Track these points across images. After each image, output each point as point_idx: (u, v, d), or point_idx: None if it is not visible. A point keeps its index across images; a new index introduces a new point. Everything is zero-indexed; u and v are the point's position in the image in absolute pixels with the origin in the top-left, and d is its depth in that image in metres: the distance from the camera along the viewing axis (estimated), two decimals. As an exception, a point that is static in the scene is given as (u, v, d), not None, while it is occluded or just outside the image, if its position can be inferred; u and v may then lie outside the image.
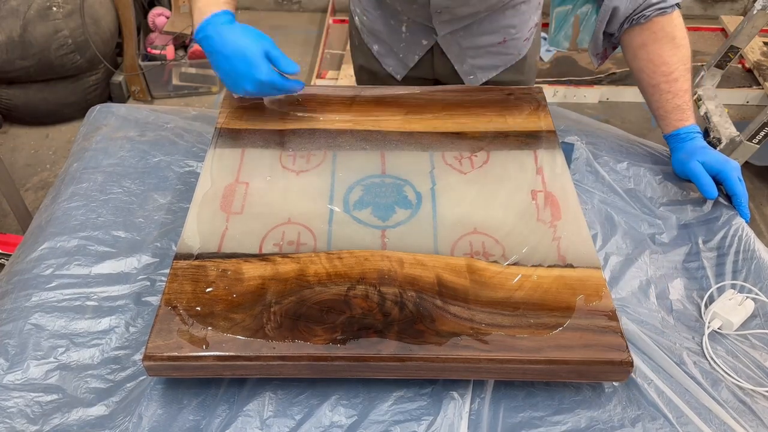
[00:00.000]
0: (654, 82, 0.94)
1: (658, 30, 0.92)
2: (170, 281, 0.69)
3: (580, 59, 2.67)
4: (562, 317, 0.67)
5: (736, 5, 2.97)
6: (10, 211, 1.81)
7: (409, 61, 1.12)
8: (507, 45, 1.08)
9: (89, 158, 0.95)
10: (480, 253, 0.74)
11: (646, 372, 0.70)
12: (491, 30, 1.05)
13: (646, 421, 0.66)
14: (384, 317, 0.66)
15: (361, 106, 0.96)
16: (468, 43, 1.06)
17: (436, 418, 0.64)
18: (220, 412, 0.65)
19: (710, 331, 0.75)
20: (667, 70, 0.92)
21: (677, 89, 0.92)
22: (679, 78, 0.92)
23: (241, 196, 0.80)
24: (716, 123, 1.83)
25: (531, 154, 0.87)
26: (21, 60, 2.14)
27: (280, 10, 3.07)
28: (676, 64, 0.92)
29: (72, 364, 0.69)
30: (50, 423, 0.64)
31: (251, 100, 0.95)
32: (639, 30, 0.93)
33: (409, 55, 1.11)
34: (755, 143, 1.70)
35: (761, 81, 2.41)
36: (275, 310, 0.67)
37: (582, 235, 0.76)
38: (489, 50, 1.09)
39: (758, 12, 1.69)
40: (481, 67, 1.11)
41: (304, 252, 0.73)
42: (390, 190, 0.82)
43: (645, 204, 0.91)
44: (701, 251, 0.85)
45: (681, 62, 0.92)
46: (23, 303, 0.74)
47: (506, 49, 1.09)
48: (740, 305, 0.76)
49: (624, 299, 0.78)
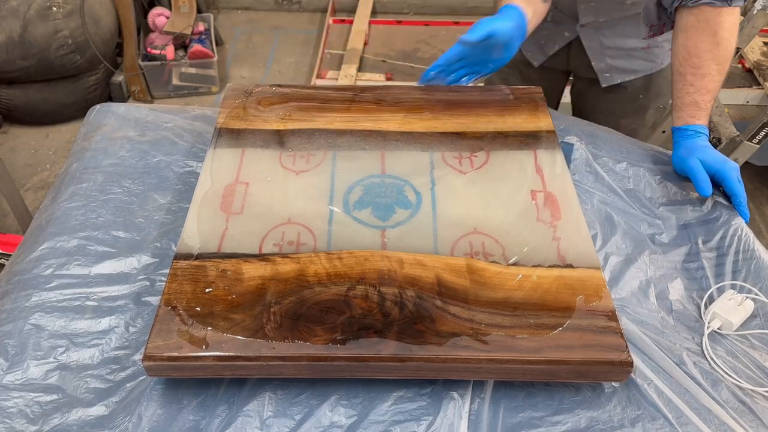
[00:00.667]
0: (682, 71, 0.93)
1: (702, 20, 0.91)
2: (170, 281, 0.69)
3: (580, 59, 2.67)
4: (562, 317, 0.67)
5: (736, 5, 2.96)
6: (10, 211, 1.82)
7: (548, 50, 1.12)
8: (650, 52, 1.08)
9: (89, 158, 0.95)
10: (480, 253, 0.74)
11: (645, 372, 0.70)
12: (637, 33, 1.05)
13: (646, 421, 0.66)
14: (384, 317, 0.66)
15: (361, 106, 0.96)
16: (610, 42, 1.06)
17: (436, 418, 0.64)
18: (220, 412, 0.65)
19: (710, 331, 0.75)
20: (697, 63, 0.91)
21: (701, 85, 0.91)
22: (707, 75, 0.91)
23: (241, 196, 0.80)
24: (716, 123, 1.83)
25: (531, 154, 0.87)
26: (21, 60, 2.14)
27: (280, 10, 3.07)
28: (709, 60, 0.91)
29: (72, 364, 0.69)
30: (50, 423, 0.64)
31: (251, 100, 0.95)
32: (687, 12, 0.93)
33: (550, 44, 1.12)
34: (755, 143, 1.70)
35: (761, 81, 2.41)
36: (275, 311, 0.67)
37: (582, 235, 0.76)
38: (631, 53, 1.07)
39: (758, 12, 1.69)
40: (620, 69, 1.10)
41: (304, 252, 0.73)
42: (390, 190, 0.82)
43: (644, 204, 0.91)
44: (701, 251, 0.85)
45: (714, 60, 0.91)
46: (23, 303, 0.74)
47: (649, 55, 1.08)
48: (740, 305, 0.76)
49: (624, 299, 0.78)
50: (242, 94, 0.97)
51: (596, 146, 0.99)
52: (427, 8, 3.03)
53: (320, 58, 2.57)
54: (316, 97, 0.97)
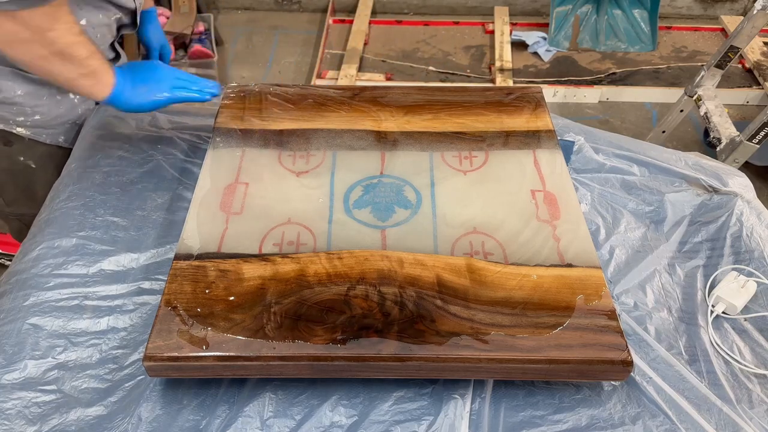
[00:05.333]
0: None
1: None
2: (170, 281, 0.69)
3: (580, 59, 2.67)
4: (562, 317, 0.67)
5: (736, 5, 2.97)
6: (10, 212, 1.81)
7: None
8: None
9: (89, 158, 0.94)
10: (480, 253, 0.74)
11: (645, 370, 0.70)
12: None
13: (646, 418, 0.66)
14: (384, 317, 0.66)
15: (361, 106, 0.96)
16: None
17: (437, 417, 0.64)
18: (220, 413, 0.65)
19: (715, 315, 0.76)
20: None
21: None
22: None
23: (240, 196, 0.80)
24: (716, 123, 1.83)
25: (530, 154, 0.87)
26: (20, 60, 2.13)
27: (280, 10, 3.07)
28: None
29: (70, 364, 0.69)
30: (49, 423, 0.64)
31: (251, 100, 0.95)
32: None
33: None
34: (755, 143, 1.70)
35: (761, 81, 2.41)
36: (275, 311, 0.66)
37: (581, 234, 0.76)
38: None
39: (758, 12, 1.69)
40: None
41: (304, 252, 0.73)
42: (390, 190, 0.82)
43: (645, 196, 0.91)
44: (702, 239, 0.86)
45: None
46: (21, 303, 0.74)
47: None
48: (743, 288, 0.77)
49: (625, 291, 0.78)
50: (242, 94, 0.97)
51: (596, 141, 1.00)
52: (427, 8, 3.02)
53: (320, 58, 2.57)
54: (316, 97, 0.97)
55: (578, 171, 0.95)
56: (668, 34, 2.83)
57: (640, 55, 2.71)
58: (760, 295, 0.79)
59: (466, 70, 2.62)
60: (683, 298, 0.79)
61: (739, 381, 0.70)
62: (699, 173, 0.93)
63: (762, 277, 0.80)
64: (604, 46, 2.74)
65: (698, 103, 1.92)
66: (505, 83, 2.43)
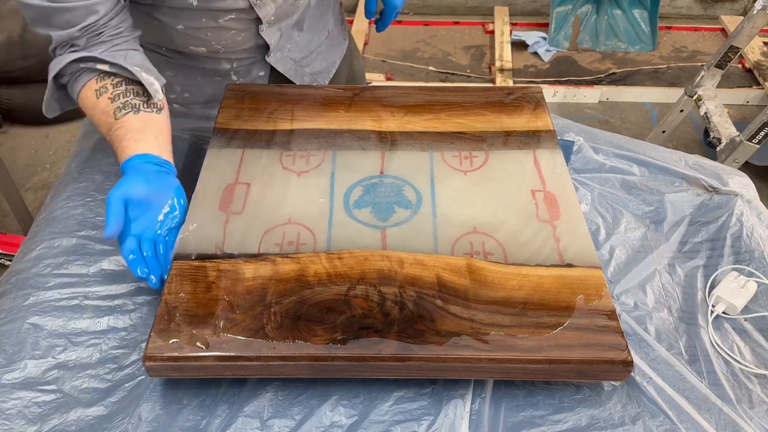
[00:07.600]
0: None
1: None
2: (170, 281, 0.69)
3: (580, 59, 2.67)
4: (562, 317, 0.67)
5: (736, 5, 2.97)
6: (10, 211, 1.81)
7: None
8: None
9: (89, 158, 0.95)
10: (480, 253, 0.74)
11: (645, 370, 0.70)
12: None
13: (647, 418, 0.66)
14: (384, 317, 0.66)
15: (361, 106, 0.96)
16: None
17: (437, 418, 0.64)
18: (220, 413, 0.65)
19: (715, 315, 0.76)
20: None
21: None
22: None
23: (241, 196, 0.80)
24: (716, 123, 1.83)
25: (530, 154, 0.87)
26: (21, 60, 2.14)
27: (280, 10, 3.07)
28: None
29: (70, 364, 0.69)
30: (49, 423, 0.64)
31: (251, 100, 0.95)
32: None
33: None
34: (755, 143, 1.70)
35: (761, 81, 2.42)
36: (275, 311, 0.66)
37: (581, 234, 0.76)
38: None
39: (758, 12, 1.69)
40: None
41: (304, 252, 0.73)
42: (390, 190, 0.82)
43: (645, 196, 0.91)
44: (702, 239, 0.86)
45: None
46: (21, 302, 0.74)
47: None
48: (743, 288, 0.77)
49: (625, 291, 0.78)
50: (242, 93, 0.97)
51: (596, 141, 1.00)
52: (427, 8, 3.03)
53: (320, 58, 2.56)
54: (316, 97, 0.97)
55: (578, 171, 0.95)
56: (668, 34, 2.84)
57: (640, 55, 2.71)
58: (761, 296, 0.79)
59: (466, 70, 2.62)
60: (683, 298, 0.79)
61: (739, 381, 0.70)
62: (699, 173, 0.94)
63: (762, 277, 0.80)
64: (604, 46, 2.74)
65: (698, 103, 1.92)
66: (505, 83, 2.43)
